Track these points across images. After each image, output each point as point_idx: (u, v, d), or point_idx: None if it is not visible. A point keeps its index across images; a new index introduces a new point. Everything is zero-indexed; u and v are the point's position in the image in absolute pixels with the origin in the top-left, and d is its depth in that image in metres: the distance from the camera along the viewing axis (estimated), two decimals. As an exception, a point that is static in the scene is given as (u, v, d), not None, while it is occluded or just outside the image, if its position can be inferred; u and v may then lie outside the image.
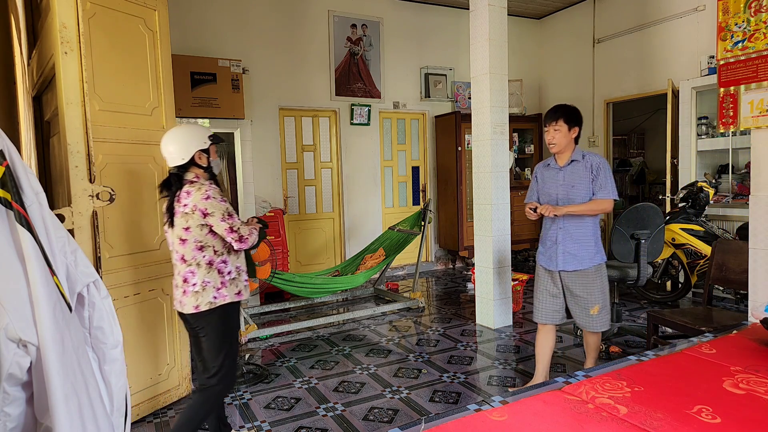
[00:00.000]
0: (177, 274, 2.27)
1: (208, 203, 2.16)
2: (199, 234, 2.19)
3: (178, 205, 2.20)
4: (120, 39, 2.68)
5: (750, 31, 2.49)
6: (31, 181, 1.07)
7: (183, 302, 2.23)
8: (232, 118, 4.96)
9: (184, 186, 2.21)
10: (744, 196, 4.92)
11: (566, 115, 2.71)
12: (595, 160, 2.71)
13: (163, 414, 2.87)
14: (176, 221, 2.20)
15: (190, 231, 2.19)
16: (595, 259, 2.75)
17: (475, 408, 1.54)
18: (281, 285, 4.30)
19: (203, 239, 2.20)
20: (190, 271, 2.22)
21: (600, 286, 2.77)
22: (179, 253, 2.24)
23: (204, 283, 2.20)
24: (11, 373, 0.99)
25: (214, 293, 2.21)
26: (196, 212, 2.16)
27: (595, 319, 2.78)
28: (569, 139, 2.72)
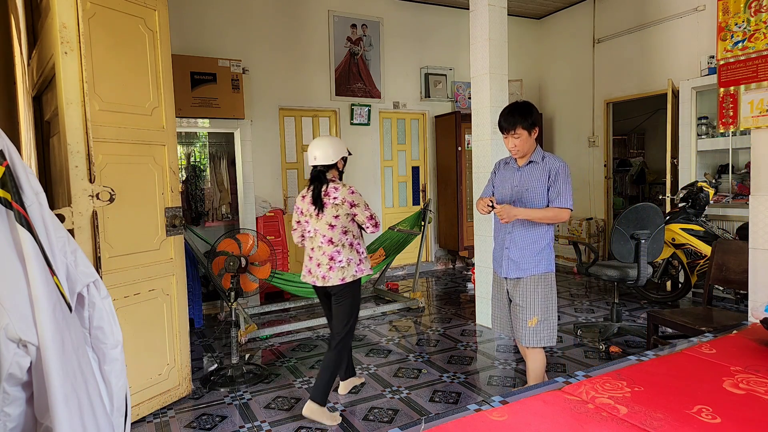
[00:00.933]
0: (322, 254, 2.76)
1: (354, 197, 2.77)
2: (345, 221, 2.76)
3: (327, 198, 2.74)
4: (120, 39, 2.67)
5: (750, 31, 2.49)
6: (31, 181, 1.06)
7: (328, 276, 2.74)
8: (232, 118, 4.96)
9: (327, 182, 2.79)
10: (744, 196, 4.92)
11: (523, 119, 2.47)
12: (554, 165, 2.50)
13: (163, 414, 2.87)
14: (326, 211, 2.74)
15: (338, 218, 2.74)
16: (538, 267, 2.54)
17: (475, 408, 1.54)
18: (281, 285, 4.30)
19: (347, 225, 2.78)
20: (337, 251, 2.75)
21: (541, 296, 2.54)
22: (327, 237, 2.76)
23: (348, 260, 2.76)
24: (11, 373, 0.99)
25: (356, 268, 2.78)
26: (345, 204, 2.73)
27: (531, 331, 2.52)
28: (531, 141, 2.53)
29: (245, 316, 4.15)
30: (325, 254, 2.76)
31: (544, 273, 2.56)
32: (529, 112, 2.50)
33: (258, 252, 3.45)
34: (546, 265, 2.57)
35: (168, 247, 2.93)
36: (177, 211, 2.95)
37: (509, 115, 2.50)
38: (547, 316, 2.55)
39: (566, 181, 2.50)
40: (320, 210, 2.75)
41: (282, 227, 5.33)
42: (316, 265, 2.79)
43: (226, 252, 3.35)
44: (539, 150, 2.58)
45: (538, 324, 2.53)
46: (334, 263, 2.74)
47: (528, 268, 2.55)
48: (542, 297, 2.55)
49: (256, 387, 3.20)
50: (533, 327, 2.53)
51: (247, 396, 3.08)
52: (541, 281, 2.56)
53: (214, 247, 3.48)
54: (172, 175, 2.95)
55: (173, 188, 2.96)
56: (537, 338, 2.54)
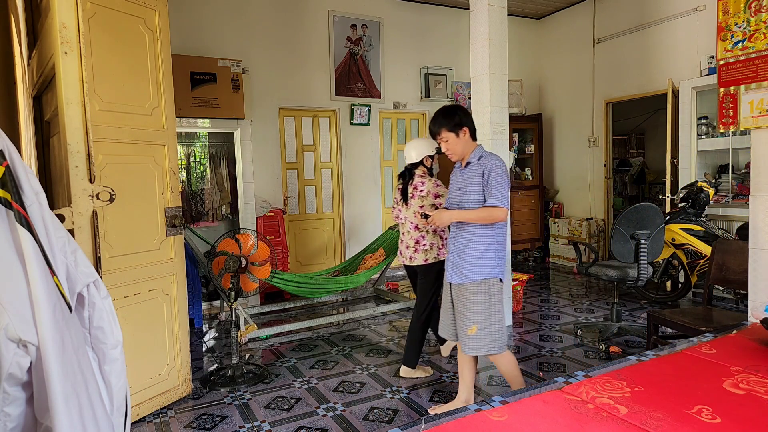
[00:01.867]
0: (410, 238, 3.25)
1: (439, 189, 3.20)
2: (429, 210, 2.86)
3: (414, 191, 3.22)
4: (120, 39, 2.67)
5: (750, 31, 2.49)
6: (31, 181, 1.06)
7: (413, 257, 3.22)
8: (232, 118, 4.96)
9: (414, 178, 3.24)
10: (744, 196, 4.92)
11: (446, 121, 2.49)
12: (488, 164, 2.44)
13: (163, 414, 2.87)
14: (412, 202, 3.22)
15: (423, 208, 3.09)
16: (480, 273, 2.46)
17: (475, 408, 1.54)
18: (281, 285, 4.30)
19: None
20: (422, 236, 3.21)
21: (482, 304, 2.46)
22: (413, 224, 3.23)
23: (431, 245, 3.19)
24: (11, 373, 0.99)
25: (437, 251, 3.19)
26: (429, 195, 3.17)
27: (470, 339, 2.47)
28: (464, 142, 2.51)
29: (245, 316, 4.15)
30: (412, 238, 3.24)
31: (484, 279, 2.46)
32: (453, 114, 2.51)
33: (258, 252, 3.45)
34: (488, 272, 2.46)
35: (168, 247, 2.93)
36: (177, 211, 2.95)
37: (433, 120, 2.54)
38: (488, 324, 2.46)
39: (498, 180, 2.41)
40: (405, 201, 3.27)
41: (282, 227, 5.33)
42: (405, 247, 3.29)
43: (226, 252, 3.35)
44: (478, 150, 2.54)
45: (478, 332, 2.47)
46: (419, 246, 3.21)
47: (468, 274, 2.48)
48: (482, 304, 2.47)
49: (256, 387, 3.20)
50: (472, 335, 2.48)
51: (247, 396, 3.08)
52: (482, 288, 2.47)
53: (214, 247, 3.48)
54: (172, 175, 2.95)
55: (173, 188, 2.96)
56: (475, 346, 2.48)
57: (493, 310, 2.48)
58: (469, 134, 2.54)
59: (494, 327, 2.48)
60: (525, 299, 5.08)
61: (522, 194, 6.86)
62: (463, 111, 2.56)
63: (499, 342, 2.49)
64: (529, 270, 6.60)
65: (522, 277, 4.75)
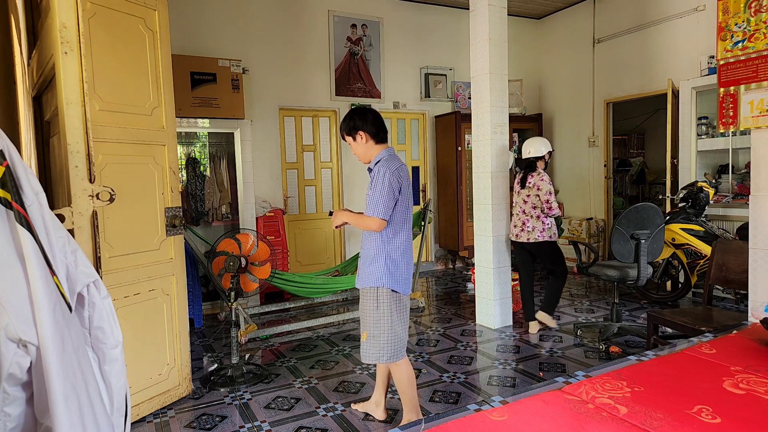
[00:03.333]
0: (518, 220, 4.06)
1: (542, 183, 3.92)
2: (534, 199, 3.95)
3: (531, 179, 3.97)
4: (120, 39, 2.67)
5: (750, 31, 2.49)
6: (31, 181, 1.06)
7: (520, 236, 4.03)
8: (232, 118, 4.96)
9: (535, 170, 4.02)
10: (744, 196, 4.92)
11: (343, 125, 2.50)
12: (375, 172, 2.40)
13: (163, 414, 2.87)
14: (524, 190, 4.00)
15: (530, 197, 3.97)
16: (369, 280, 2.42)
17: (475, 408, 1.54)
18: (281, 285, 4.30)
19: (536, 202, 3.95)
20: (527, 218, 3.99)
21: (370, 311, 2.43)
22: (522, 208, 4.02)
23: (533, 227, 3.96)
24: (11, 373, 0.99)
25: (538, 234, 3.95)
26: (534, 187, 3.94)
27: (362, 345, 2.48)
28: (363, 146, 2.47)
29: (245, 316, 4.15)
30: (520, 220, 4.04)
31: (372, 287, 2.43)
32: (349, 119, 2.48)
33: (258, 252, 3.45)
34: (375, 280, 2.41)
35: (168, 247, 2.93)
36: (177, 211, 2.95)
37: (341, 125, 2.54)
38: (377, 333, 2.43)
39: (376, 190, 2.36)
40: (522, 187, 4.03)
41: (282, 227, 5.33)
42: (513, 225, 4.12)
43: (226, 252, 3.35)
44: (378, 155, 2.48)
45: (368, 339, 2.45)
46: (525, 227, 4.00)
47: (361, 279, 2.48)
48: (370, 312, 2.43)
49: (256, 387, 3.20)
50: (363, 341, 2.47)
51: (247, 396, 3.08)
52: (370, 295, 2.44)
53: (214, 247, 3.48)
54: (172, 175, 2.95)
55: (173, 188, 2.96)
56: (366, 353, 2.46)
57: (381, 319, 2.42)
58: (371, 138, 2.47)
59: (383, 336, 2.42)
60: (525, 299, 5.09)
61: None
62: (360, 115, 2.47)
63: (388, 353, 2.43)
64: (529, 270, 6.60)
65: (522, 277, 4.74)
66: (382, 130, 2.51)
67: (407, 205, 2.48)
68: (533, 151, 4.02)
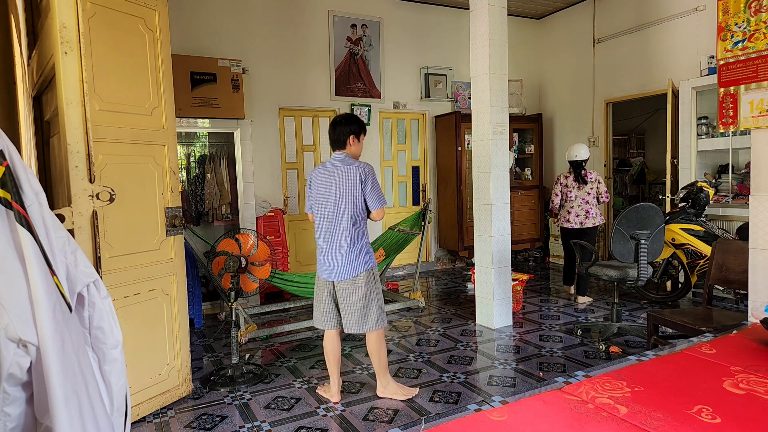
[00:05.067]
0: (580, 209, 4.91)
1: (601, 177, 4.99)
2: (594, 191, 4.93)
3: (587, 178, 4.91)
4: (120, 39, 2.67)
5: (750, 31, 2.49)
6: (31, 181, 1.06)
7: (585, 223, 4.90)
8: (232, 118, 4.96)
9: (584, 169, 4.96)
10: (744, 196, 4.92)
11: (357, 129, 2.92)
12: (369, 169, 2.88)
13: (163, 414, 2.87)
14: (586, 186, 4.91)
15: (593, 189, 4.92)
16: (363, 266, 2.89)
17: (475, 408, 1.55)
18: (281, 285, 4.30)
19: (595, 194, 4.93)
20: (590, 207, 4.91)
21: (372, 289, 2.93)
22: (584, 199, 4.91)
23: (595, 214, 4.92)
24: (11, 373, 0.99)
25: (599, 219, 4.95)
26: (596, 181, 4.94)
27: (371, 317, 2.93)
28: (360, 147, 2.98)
29: (245, 316, 4.15)
30: (583, 209, 4.90)
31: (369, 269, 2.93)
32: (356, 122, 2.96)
33: (258, 252, 3.45)
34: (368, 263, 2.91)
35: (168, 247, 2.93)
36: (177, 211, 2.95)
37: None
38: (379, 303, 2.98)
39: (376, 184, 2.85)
40: (583, 184, 4.90)
41: (282, 227, 5.33)
42: (575, 215, 4.92)
43: (226, 252, 3.35)
44: None
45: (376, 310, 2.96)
46: (590, 214, 4.90)
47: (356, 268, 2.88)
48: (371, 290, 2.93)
49: (256, 387, 3.20)
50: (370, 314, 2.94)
51: (247, 396, 3.08)
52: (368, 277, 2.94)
53: (214, 247, 3.48)
54: (172, 175, 2.95)
55: (173, 188, 2.96)
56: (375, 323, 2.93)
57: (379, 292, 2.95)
58: None
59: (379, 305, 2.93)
60: (525, 299, 5.08)
61: (522, 194, 6.86)
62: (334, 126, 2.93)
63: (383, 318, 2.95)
64: (529, 270, 6.60)
65: (522, 277, 4.75)
66: None
67: None
68: (583, 154, 4.89)
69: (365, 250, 2.84)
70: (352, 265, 2.79)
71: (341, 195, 2.77)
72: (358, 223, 2.80)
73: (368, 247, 2.87)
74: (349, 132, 2.87)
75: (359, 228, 2.81)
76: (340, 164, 2.81)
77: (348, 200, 2.76)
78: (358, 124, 2.92)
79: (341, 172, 2.78)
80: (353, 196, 2.75)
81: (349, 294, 2.83)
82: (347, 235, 2.77)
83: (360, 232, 2.82)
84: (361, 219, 2.82)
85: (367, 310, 2.85)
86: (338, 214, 2.78)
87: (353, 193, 2.75)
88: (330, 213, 2.80)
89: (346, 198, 2.76)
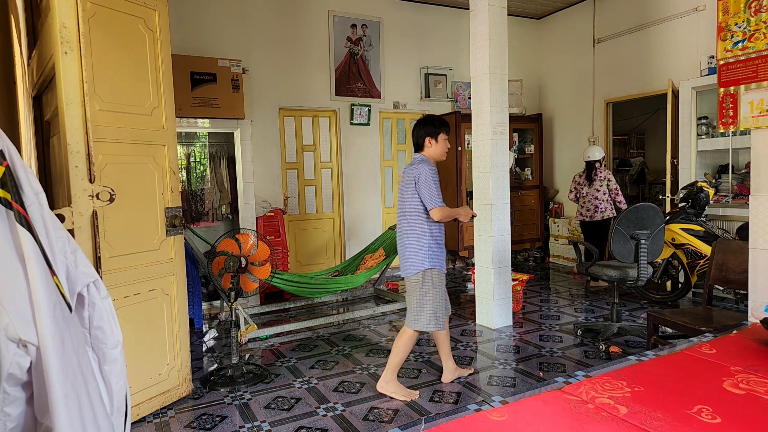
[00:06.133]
0: (590, 204, 5.49)
1: (611, 176, 5.51)
2: (605, 188, 5.47)
3: (600, 175, 5.48)
4: (120, 39, 2.67)
5: (750, 31, 2.49)
6: (31, 181, 1.06)
7: (594, 216, 5.50)
8: (232, 118, 4.96)
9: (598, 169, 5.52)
10: (744, 196, 4.92)
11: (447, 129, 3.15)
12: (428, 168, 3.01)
13: (163, 414, 2.87)
14: (595, 183, 5.49)
15: (602, 187, 5.45)
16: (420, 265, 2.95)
17: (475, 408, 1.55)
18: (281, 285, 4.30)
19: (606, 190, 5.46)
20: (599, 203, 5.44)
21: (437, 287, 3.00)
22: (594, 196, 5.47)
23: (604, 208, 5.45)
24: (11, 373, 0.99)
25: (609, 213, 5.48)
26: (605, 180, 5.45)
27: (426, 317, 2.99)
28: None
29: (245, 316, 4.15)
30: (593, 204, 5.48)
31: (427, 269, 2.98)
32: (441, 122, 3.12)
33: (258, 252, 3.45)
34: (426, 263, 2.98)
35: (168, 247, 2.93)
36: (177, 211, 2.95)
37: None
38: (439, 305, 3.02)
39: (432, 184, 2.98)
40: (591, 182, 5.49)
41: (282, 227, 5.33)
42: (586, 210, 5.54)
43: (226, 252, 3.35)
44: None
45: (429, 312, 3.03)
46: (599, 209, 5.45)
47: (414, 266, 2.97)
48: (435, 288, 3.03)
49: (256, 387, 3.20)
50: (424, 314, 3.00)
51: (247, 396, 3.08)
52: None
53: (214, 247, 3.48)
54: (172, 175, 2.95)
55: (173, 188, 2.96)
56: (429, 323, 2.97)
57: None
58: None
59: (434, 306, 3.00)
60: (525, 299, 5.08)
61: (522, 194, 6.86)
62: None
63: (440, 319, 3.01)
64: (529, 270, 6.60)
65: (522, 277, 4.75)
66: None
67: None
68: (595, 155, 5.49)
69: (425, 250, 2.89)
70: (411, 262, 2.91)
71: (404, 194, 2.94)
72: (417, 222, 2.89)
73: (429, 249, 2.90)
74: (424, 134, 3.00)
75: (420, 227, 2.90)
76: (409, 166, 2.98)
77: (408, 199, 2.91)
78: (434, 125, 3.00)
79: (407, 173, 2.95)
80: (411, 195, 2.89)
81: (409, 289, 2.96)
82: (408, 233, 2.93)
83: (420, 232, 2.90)
84: (420, 219, 2.89)
85: (420, 309, 2.93)
86: (403, 212, 2.95)
87: (411, 193, 2.89)
88: (400, 211, 3.00)
89: (406, 197, 2.92)
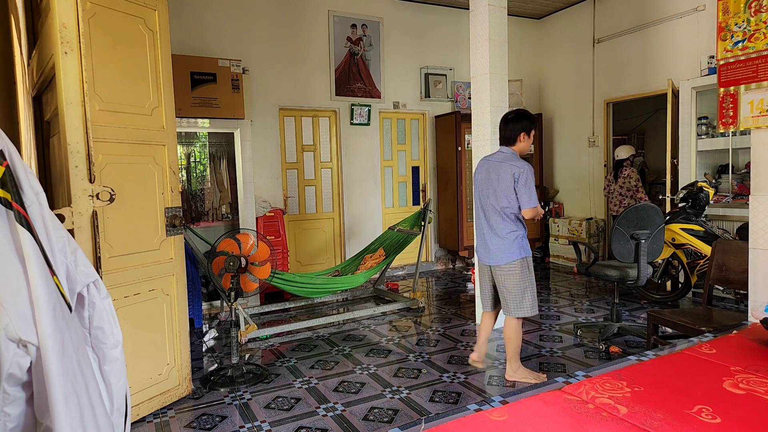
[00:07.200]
0: (617, 200, 5.84)
1: (633, 174, 5.76)
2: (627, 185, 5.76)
3: (624, 173, 5.76)
4: (120, 39, 2.67)
5: (750, 31, 2.49)
6: (31, 181, 1.06)
7: (619, 211, 5.65)
8: (232, 118, 4.96)
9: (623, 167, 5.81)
10: (744, 196, 4.92)
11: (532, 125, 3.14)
12: None
13: (163, 414, 2.87)
14: (619, 181, 5.80)
15: (624, 184, 5.75)
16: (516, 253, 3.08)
17: (475, 408, 1.55)
18: (281, 285, 4.30)
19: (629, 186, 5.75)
20: (623, 198, 5.79)
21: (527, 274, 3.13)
22: (619, 192, 5.82)
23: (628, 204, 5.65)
24: (11, 373, 0.99)
25: None
26: (629, 177, 5.72)
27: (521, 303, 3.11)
28: None
29: (245, 316, 4.15)
30: (617, 200, 5.84)
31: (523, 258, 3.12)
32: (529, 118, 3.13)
33: (258, 252, 3.45)
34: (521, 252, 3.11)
35: (168, 247, 2.93)
36: (177, 211, 2.95)
37: None
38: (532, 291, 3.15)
39: None
40: (616, 179, 5.84)
41: (282, 227, 5.33)
42: (613, 204, 5.88)
43: (226, 252, 3.35)
44: None
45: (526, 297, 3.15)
46: (622, 204, 5.77)
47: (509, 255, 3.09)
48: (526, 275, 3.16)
49: (256, 387, 3.20)
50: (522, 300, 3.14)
51: (247, 396, 3.08)
52: None
53: (214, 247, 3.48)
54: (172, 175, 2.95)
55: (173, 188, 2.96)
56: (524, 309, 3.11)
57: None
58: None
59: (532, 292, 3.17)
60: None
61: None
62: None
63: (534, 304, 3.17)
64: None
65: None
66: None
67: None
68: (622, 154, 5.79)
69: (519, 240, 3.04)
70: (508, 251, 3.02)
71: (497, 188, 3.00)
72: (510, 215, 3.02)
73: (524, 238, 3.07)
74: (521, 129, 3.05)
75: (513, 220, 3.03)
76: (503, 160, 3.03)
77: (502, 194, 2.99)
78: (529, 120, 3.07)
79: (502, 168, 3.00)
80: (508, 191, 2.97)
81: (505, 279, 3.05)
82: (501, 224, 3.03)
83: (515, 223, 3.04)
84: (516, 211, 3.02)
85: (522, 296, 3.05)
86: (495, 204, 3.03)
87: (508, 189, 2.97)
88: (488, 203, 3.07)
89: (502, 191, 2.99)
